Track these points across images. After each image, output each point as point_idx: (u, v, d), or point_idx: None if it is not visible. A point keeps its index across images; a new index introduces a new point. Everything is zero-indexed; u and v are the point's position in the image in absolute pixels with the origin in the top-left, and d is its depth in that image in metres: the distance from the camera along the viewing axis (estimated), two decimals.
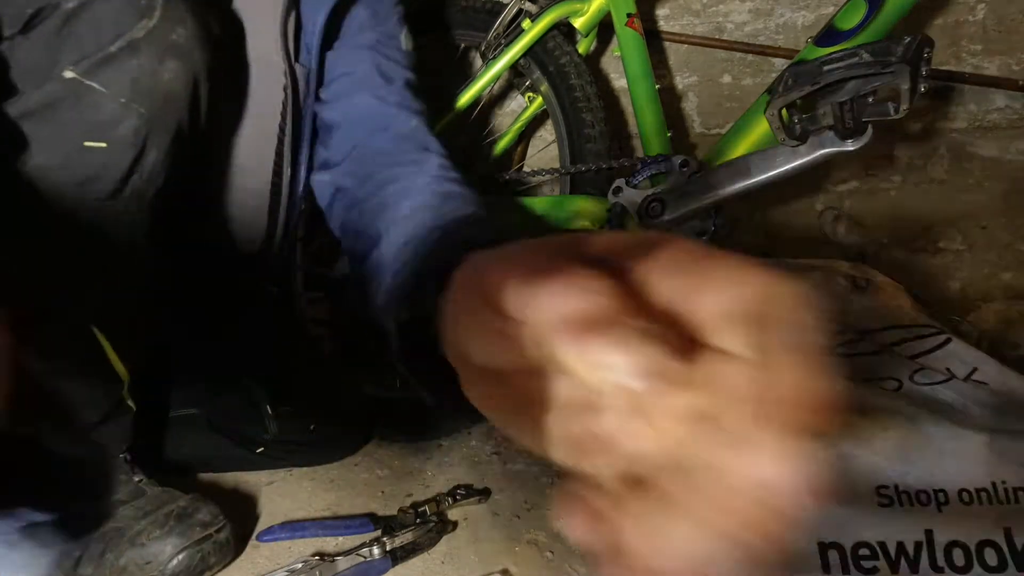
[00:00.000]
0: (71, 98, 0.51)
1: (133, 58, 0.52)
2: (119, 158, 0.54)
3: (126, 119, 0.53)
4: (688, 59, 1.29)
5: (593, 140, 0.95)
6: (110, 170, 0.54)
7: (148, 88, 0.54)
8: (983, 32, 1.13)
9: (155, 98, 0.54)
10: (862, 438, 0.64)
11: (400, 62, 0.69)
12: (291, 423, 0.95)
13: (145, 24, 0.52)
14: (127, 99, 0.53)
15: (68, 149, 0.52)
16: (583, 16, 1.04)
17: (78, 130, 0.52)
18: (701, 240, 0.85)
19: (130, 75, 0.53)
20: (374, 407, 1.09)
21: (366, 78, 0.67)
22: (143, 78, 0.53)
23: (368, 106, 0.67)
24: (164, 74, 0.54)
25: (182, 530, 0.68)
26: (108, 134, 0.53)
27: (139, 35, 0.52)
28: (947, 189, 1.19)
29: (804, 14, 1.21)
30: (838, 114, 0.67)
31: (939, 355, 0.72)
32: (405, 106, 0.66)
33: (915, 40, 0.62)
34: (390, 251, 0.49)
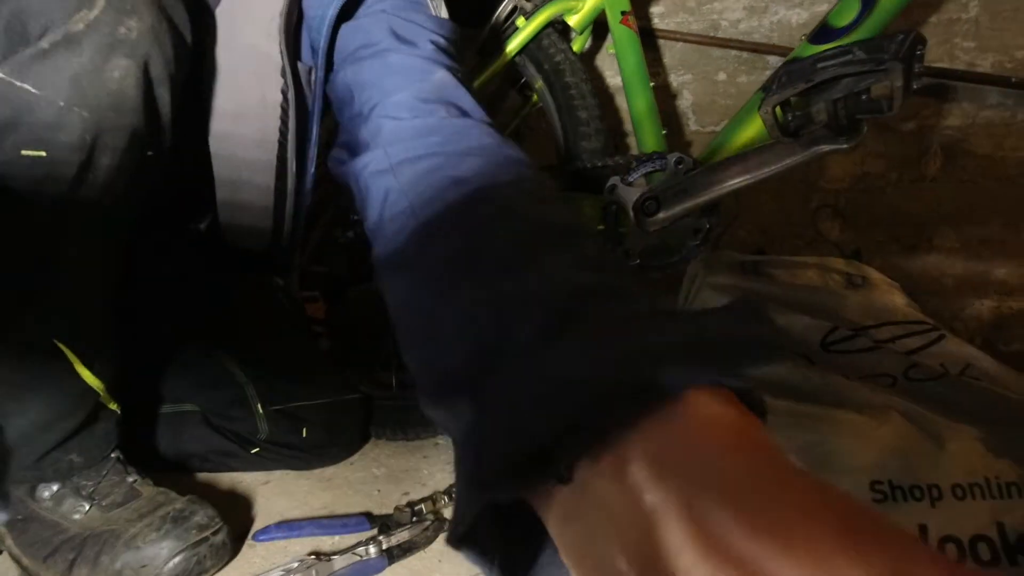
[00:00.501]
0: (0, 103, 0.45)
1: (72, 55, 0.46)
2: (63, 166, 0.49)
3: (67, 123, 0.48)
4: (683, 57, 1.29)
5: (588, 138, 0.95)
6: (54, 180, 0.49)
7: (93, 89, 0.48)
8: (976, 29, 1.13)
9: (101, 99, 0.48)
10: (857, 434, 0.64)
11: (424, 25, 0.58)
12: (283, 425, 0.94)
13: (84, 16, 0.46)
14: (66, 102, 0.47)
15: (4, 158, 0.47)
16: (578, 14, 1.04)
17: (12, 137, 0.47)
18: (698, 237, 0.85)
19: (69, 74, 0.47)
20: (369, 410, 1.09)
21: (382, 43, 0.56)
22: (85, 78, 0.47)
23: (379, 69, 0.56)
24: (111, 72, 0.48)
25: (179, 533, 0.67)
26: (47, 141, 0.47)
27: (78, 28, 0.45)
28: (941, 186, 1.19)
29: (798, 12, 1.21)
30: (832, 111, 0.67)
31: (933, 351, 0.73)
32: (430, 60, 0.55)
33: (908, 38, 0.62)
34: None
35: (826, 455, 0.64)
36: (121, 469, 0.73)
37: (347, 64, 0.58)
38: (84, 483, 0.70)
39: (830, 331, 0.74)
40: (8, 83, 0.45)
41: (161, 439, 0.93)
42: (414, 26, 0.57)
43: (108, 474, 0.71)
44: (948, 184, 1.19)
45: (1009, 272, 1.18)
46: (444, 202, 0.40)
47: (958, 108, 1.17)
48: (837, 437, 0.64)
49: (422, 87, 0.51)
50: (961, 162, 1.18)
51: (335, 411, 0.98)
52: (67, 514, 0.69)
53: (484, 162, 0.43)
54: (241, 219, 0.79)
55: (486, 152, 0.44)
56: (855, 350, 0.72)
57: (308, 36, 0.65)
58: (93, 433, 0.69)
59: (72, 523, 0.69)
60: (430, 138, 0.45)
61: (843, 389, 0.68)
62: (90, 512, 0.69)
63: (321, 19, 0.59)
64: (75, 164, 0.50)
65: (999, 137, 1.15)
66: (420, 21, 0.58)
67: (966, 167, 1.18)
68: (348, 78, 0.57)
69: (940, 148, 1.18)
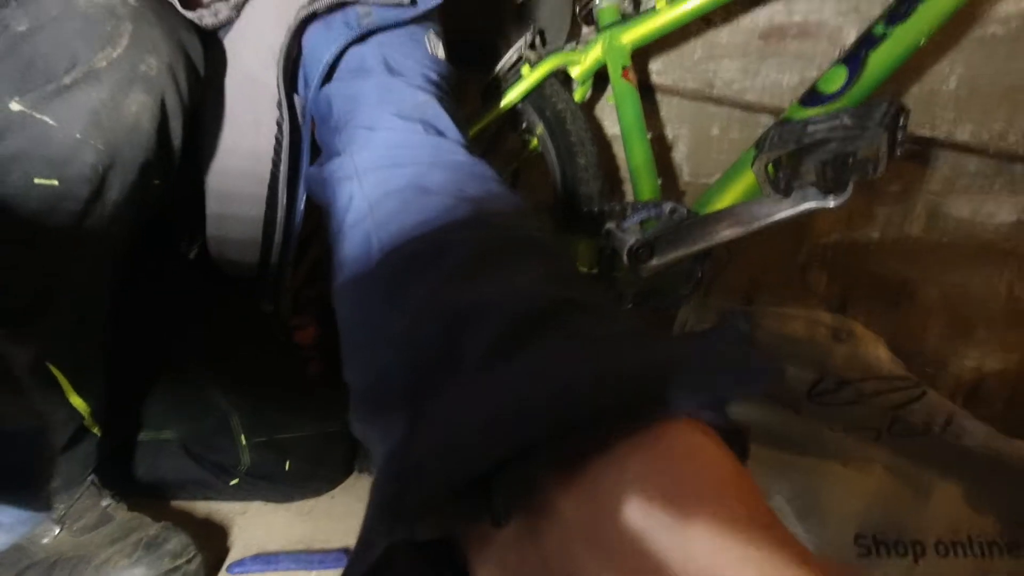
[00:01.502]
0: (17, 133, 0.46)
1: (92, 90, 0.47)
2: (73, 196, 0.50)
3: (81, 155, 0.49)
4: (679, 111, 1.34)
5: (586, 183, 0.97)
6: (63, 209, 0.50)
7: (110, 122, 0.49)
8: (956, 101, 1.20)
9: (117, 133, 0.50)
10: (842, 485, 0.65)
11: (418, 60, 0.57)
12: (266, 457, 0.92)
13: (108, 53, 0.47)
14: (83, 134, 0.48)
15: (16, 187, 0.47)
16: (580, 66, 1.09)
17: (25, 167, 0.47)
18: (689, 284, 0.87)
19: (87, 108, 0.48)
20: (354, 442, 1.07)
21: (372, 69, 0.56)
22: (103, 112, 0.48)
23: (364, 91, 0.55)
24: (129, 107, 0.49)
25: (151, 560, 0.66)
26: (60, 171, 0.48)
27: (100, 65, 0.47)
28: (924, 246, 1.23)
29: (789, 75, 1.27)
30: (820, 171, 0.71)
31: (916, 407, 0.74)
32: (416, 86, 0.54)
33: (892, 106, 0.65)
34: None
35: (812, 505, 0.65)
36: (95, 492, 0.71)
37: (332, 82, 0.58)
38: (56, 505, 0.68)
39: (816, 382, 0.75)
40: (27, 115, 0.46)
41: (138, 466, 0.91)
42: (408, 60, 0.57)
43: (81, 497, 0.69)
44: (930, 244, 1.23)
45: (990, 333, 1.21)
46: (406, 209, 0.38)
47: (939, 173, 1.22)
48: (823, 488, 0.65)
49: (402, 105, 0.50)
50: (942, 224, 1.22)
51: (320, 443, 0.96)
52: (36, 538, 0.66)
53: (453, 175, 0.42)
54: (230, 248, 0.79)
55: (456, 167, 0.44)
56: (840, 402, 0.73)
57: (303, 71, 0.65)
58: (74, 456, 0.67)
59: (40, 547, 0.66)
60: (400, 149, 0.45)
61: (829, 440, 0.69)
62: (60, 536, 0.67)
63: (318, 61, 0.58)
64: (85, 194, 0.50)
65: (977, 203, 1.20)
66: (415, 56, 0.58)
67: (947, 229, 1.22)
68: (330, 93, 0.56)
69: (923, 209, 1.23)
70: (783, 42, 1.26)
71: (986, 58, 1.17)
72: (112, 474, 0.77)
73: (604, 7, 1.11)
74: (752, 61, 1.28)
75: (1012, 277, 1.19)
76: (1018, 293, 1.19)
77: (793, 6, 1.25)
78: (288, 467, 0.93)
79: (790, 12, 1.26)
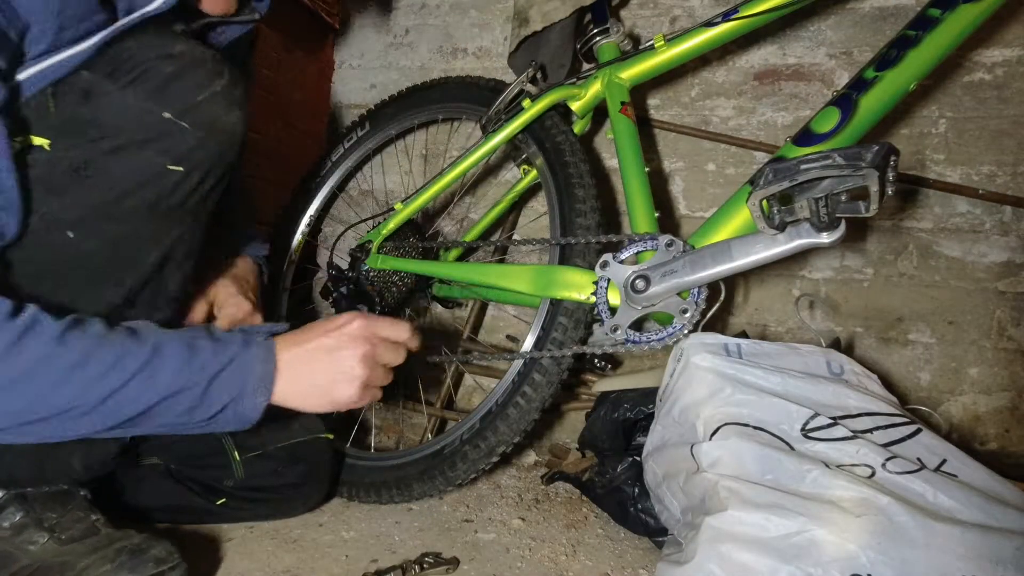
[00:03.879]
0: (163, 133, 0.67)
1: (213, 105, 0.69)
2: (190, 179, 0.70)
3: (201, 149, 0.69)
4: (676, 146, 1.37)
5: (583, 215, 0.98)
6: (181, 188, 0.69)
7: (220, 128, 0.70)
8: (945, 143, 1.23)
9: (222, 137, 0.71)
10: (836, 525, 0.64)
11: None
12: (258, 469, 0.93)
13: (219, 82, 0.70)
14: (204, 135, 0.69)
15: (155, 171, 0.67)
16: (580, 100, 1.11)
17: (164, 155, 0.68)
18: (684, 317, 0.87)
19: (209, 117, 0.69)
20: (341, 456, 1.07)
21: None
22: (217, 120, 0.70)
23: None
24: (232, 118, 0.71)
25: (134, 565, 0.67)
26: (185, 161, 0.68)
27: (217, 89, 0.70)
28: (916, 284, 1.25)
29: (783, 114, 1.30)
30: (814, 209, 0.72)
31: (910, 445, 0.74)
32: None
33: (883, 148, 0.67)
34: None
35: (806, 545, 0.64)
36: (86, 507, 0.73)
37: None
38: (48, 514, 0.70)
39: (810, 418, 0.75)
40: (173, 121, 0.67)
41: (123, 492, 0.91)
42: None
43: (73, 509, 0.71)
44: (923, 282, 1.25)
45: (981, 371, 1.22)
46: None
47: (931, 213, 1.24)
48: (817, 527, 0.64)
49: None
50: (934, 262, 1.24)
51: (309, 450, 0.97)
52: (22, 544, 0.68)
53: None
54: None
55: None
56: (834, 438, 0.73)
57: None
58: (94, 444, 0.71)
59: (25, 553, 0.68)
60: None
61: (822, 478, 0.68)
62: (46, 544, 0.68)
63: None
64: (196, 179, 0.70)
65: (968, 242, 1.22)
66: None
67: (938, 267, 1.24)
68: None
69: (915, 248, 1.25)
70: (777, 82, 1.30)
71: (974, 103, 1.21)
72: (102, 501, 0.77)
73: (604, 44, 1.15)
74: (747, 100, 1.32)
75: (1004, 317, 1.21)
76: (1010, 333, 1.20)
77: (787, 48, 1.29)
78: (279, 475, 0.94)
79: (784, 54, 1.30)
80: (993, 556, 0.61)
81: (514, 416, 0.93)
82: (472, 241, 1.23)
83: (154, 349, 0.61)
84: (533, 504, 1.07)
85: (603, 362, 0.94)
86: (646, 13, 1.35)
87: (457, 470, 0.96)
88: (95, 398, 0.57)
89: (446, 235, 1.49)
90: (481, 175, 1.43)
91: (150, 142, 0.66)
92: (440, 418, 1.33)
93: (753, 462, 0.71)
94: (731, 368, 0.79)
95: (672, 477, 0.79)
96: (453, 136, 1.46)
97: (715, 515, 0.67)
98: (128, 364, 0.59)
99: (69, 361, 0.56)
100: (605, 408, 1.02)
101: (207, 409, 0.63)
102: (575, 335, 0.94)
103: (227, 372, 0.64)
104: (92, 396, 0.57)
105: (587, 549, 0.92)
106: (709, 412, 0.77)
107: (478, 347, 1.37)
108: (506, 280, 1.01)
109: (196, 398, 0.62)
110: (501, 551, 0.90)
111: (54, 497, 0.71)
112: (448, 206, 1.44)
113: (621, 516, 0.97)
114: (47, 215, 0.64)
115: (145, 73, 0.66)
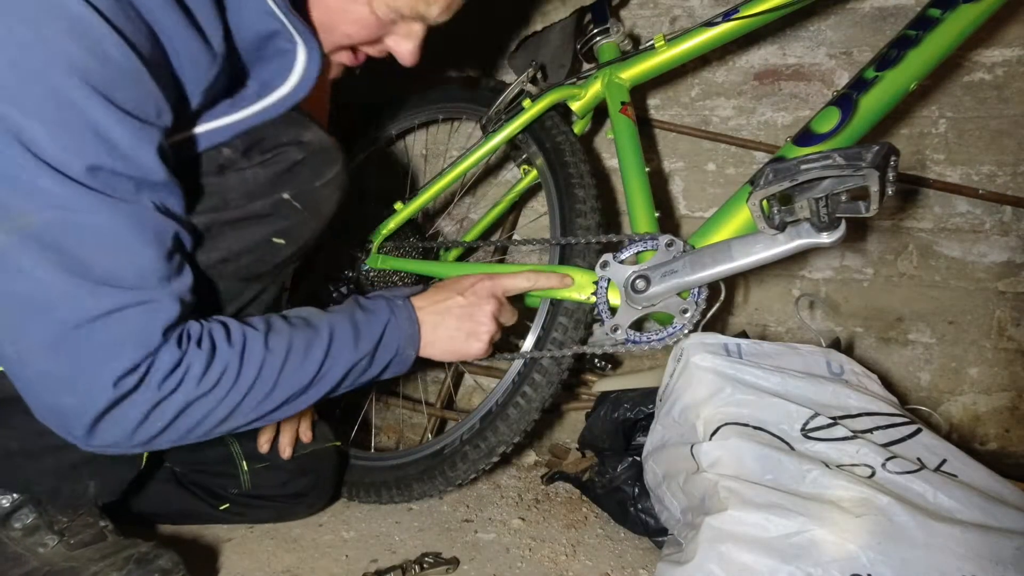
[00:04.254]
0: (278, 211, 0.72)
1: (324, 190, 0.75)
2: (286, 251, 0.75)
3: (303, 226, 0.75)
4: (676, 146, 1.36)
5: (583, 215, 0.98)
6: (275, 258, 0.75)
7: (324, 209, 0.76)
8: (945, 143, 1.23)
9: (321, 216, 0.77)
10: (837, 525, 0.64)
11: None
12: (265, 479, 0.93)
13: (335, 169, 0.75)
14: (310, 215, 0.75)
15: (261, 242, 0.73)
16: (580, 100, 1.11)
17: (273, 230, 0.73)
18: (684, 317, 0.87)
19: (318, 200, 0.75)
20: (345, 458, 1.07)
21: None
22: (323, 203, 0.76)
23: None
24: (334, 200, 0.77)
25: (140, 574, 0.67)
26: (289, 235, 0.74)
27: (330, 176, 0.75)
28: (916, 284, 1.25)
29: (783, 114, 1.30)
30: (814, 208, 0.72)
31: (910, 445, 0.74)
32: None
33: (883, 148, 0.67)
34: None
35: (806, 545, 0.64)
36: (96, 512, 0.74)
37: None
38: (59, 518, 0.71)
39: (810, 418, 0.75)
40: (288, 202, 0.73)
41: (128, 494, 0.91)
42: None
43: (83, 514, 0.72)
44: (923, 282, 1.25)
45: (981, 371, 1.22)
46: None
47: (931, 213, 1.24)
48: (817, 527, 0.64)
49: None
50: (934, 262, 1.24)
51: (317, 461, 0.97)
52: (32, 546, 0.68)
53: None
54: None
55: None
56: (834, 438, 0.73)
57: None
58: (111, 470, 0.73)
59: (34, 555, 0.68)
60: None
61: (822, 478, 0.68)
62: (55, 548, 0.69)
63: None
64: (291, 251, 0.75)
65: (968, 243, 1.22)
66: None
67: (939, 267, 1.23)
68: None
69: (915, 248, 1.25)
70: (777, 82, 1.30)
71: (974, 103, 1.21)
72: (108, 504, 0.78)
73: (605, 44, 1.15)
74: (747, 100, 1.31)
75: (1004, 317, 1.21)
76: (1010, 333, 1.20)
77: (787, 48, 1.29)
78: (286, 485, 0.94)
79: (784, 54, 1.29)
80: (993, 556, 0.61)
81: (514, 416, 0.93)
82: (472, 241, 1.23)
83: (330, 335, 0.70)
84: (533, 504, 1.07)
85: (603, 362, 0.94)
86: (646, 13, 1.35)
87: (457, 470, 0.96)
88: (298, 386, 0.67)
89: (446, 235, 1.49)
90: (481, 175, 1.43)
91: (266, 218, 0.72)
92: (440, 418, 1.33)
93: (753, 462, 0.71)
94: (731, 368, 0.79)
95: (672, 477, 0.79)
96: (453, 136, 1.46)
97: (715, 515, 0.67)
98: (315, 354, 0.69)
99: (279, 361, 0.66)
100: (605, 408, 1.02)
101: (375, 369, 0.76)
102: (575, 335, 0.94)
103: (385, 338, 0.75)
104: (295, 384, 0.67)
105: (587, 549, 0.92)
106: (709, 412, 0.77)
107: None
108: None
109: (367, 364, 0.74)
110: (501, 551, 0.90)
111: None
112: (448, 206, 1.44)
113: (621, 516, 0.97)
114: None
115: (277, 156, 0.71)
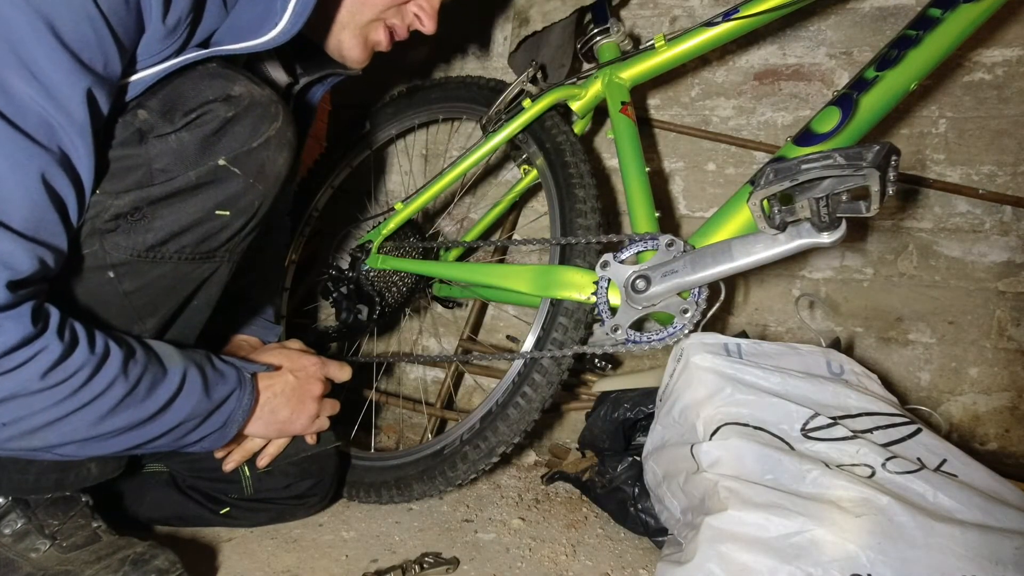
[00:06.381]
0: (217, 178, 0.66)
1: (265, 150, 0.68)
2: (234, 223, 0.69)
3: (249, 194, 0.68)
4: (676, 146, 1.36)
5: (584, 215, 0.98)
6: (224, 232, 0.69)
7: (269, 172, 0.69)
8: (945, 143, 1.23)
9: (270, 179, 0.70)
10: (836, 525, 0.64)
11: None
12: (267, 483, 0.92)
13: (274, 125, 0.68)
14: (253, 179, 0.68)
15: (201, 216, 0.66)
16: (580, 100, 1.11)
17: (214, 201, 0.66)
18: (684, 317, 0.87)
19: (259, 162, 0.68)
20: (346, 460, 1.06)
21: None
22: (267, 164, 0.69)
23: None
24: (280, 161, 0.70)
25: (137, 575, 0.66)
26: (233, 205, 0.68)
27: (271, 133, 0.68)
28: (916, 284, 1.25)
29: (783, 114, 1.30)
30: (815, 208, 0.72)
31: (910, 444, 0.74)
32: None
33: (884, 148, 0.67)
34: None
35: (806, 545, 0.64)
36: (88, 513, 0.72)
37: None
38: (50, 521, 0.69)
39: (810, 417, 0.75)
40: (226, 168, 0.66)
41: (125, 497, 0.90)
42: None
43: (75, 516, 0.71)
44: (923, 282, 1.25)
45: (981, 371, 1.22)
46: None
47: (931, 213, 1.24)
48: (817, 527, 0.64)
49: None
50: (934, 262, 1.24)
51: (318, 464, 0.96)
52: (24, 551, 0.67)
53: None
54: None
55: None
56: (834, 438, 0.73)
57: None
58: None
59: (27, 561, 0.67)
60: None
61: (822, 477, 0.68)
62: (47, 552, 0.68)
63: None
64: (241, 222, 0.70)
65: (968, 242, 1.22)
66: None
67: (939, 267, 1.23)
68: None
69: (915, 248, 1.25)
70: (777, 82, 1.30)
71: (974, 103, 1.21)
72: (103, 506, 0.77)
73: (605, 44, 1.15)
74: (747, 100, 1.31)
75: (1004, 317, 1.20)
76: (1010, 333, 1.20)
77: (787, 48, 1.29)
78: (288, 489, 0.93)
79: (784, 54, 1.29)
80: (993, 556, 0.61)
81: (514, 416, 0.93)
82: (472, 241, 1.23)
83: (181, 381, 0.66)
84: (533, 504, 1.07)
85: (603, 362, 0.94)
86: (646, 13, 1.35)
87: (457, 470, 0.96)
88: (134, 420, 0.62)
89: (446, 235, 1.49)
90: (481, 175, 1.43)
91: (201, 188, 0.65)
92: (440, 418, 1.33)
93: (753, 462, 0.71)
94: (731, 368, 0.79)
95: (672, 477, 0.79)
96: (453, 136, 1.46)
97: (715, 515, 0.67)
98: (161, 394, 0.64)
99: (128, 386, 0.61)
100: (605, 408, 1.02)
101: (198, 433, 0.70)
102: (575, 335, 0.94)
103: (224, 405, 0.72)
104: (132, 417, 0.62)
105: (587, 549, 0.92)
106: (709, 412, 0.77)
107: (478, 347, 1.37)
108: (506, 280, 1.01)
109: (197, 423, 0.69)
110: (501, 551, 0.90)
111: (56, 504, 0.71)
112: (448, 206, 1.44)
113: (621, 516, 0.97)
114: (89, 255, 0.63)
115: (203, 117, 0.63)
